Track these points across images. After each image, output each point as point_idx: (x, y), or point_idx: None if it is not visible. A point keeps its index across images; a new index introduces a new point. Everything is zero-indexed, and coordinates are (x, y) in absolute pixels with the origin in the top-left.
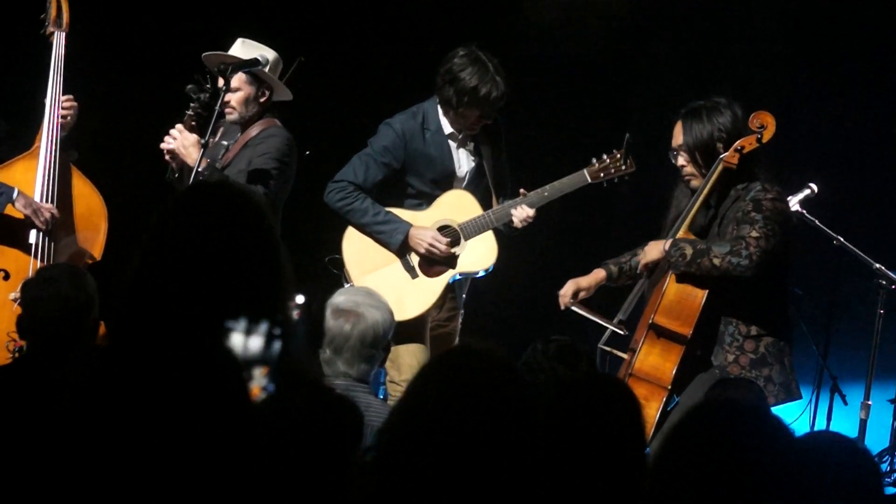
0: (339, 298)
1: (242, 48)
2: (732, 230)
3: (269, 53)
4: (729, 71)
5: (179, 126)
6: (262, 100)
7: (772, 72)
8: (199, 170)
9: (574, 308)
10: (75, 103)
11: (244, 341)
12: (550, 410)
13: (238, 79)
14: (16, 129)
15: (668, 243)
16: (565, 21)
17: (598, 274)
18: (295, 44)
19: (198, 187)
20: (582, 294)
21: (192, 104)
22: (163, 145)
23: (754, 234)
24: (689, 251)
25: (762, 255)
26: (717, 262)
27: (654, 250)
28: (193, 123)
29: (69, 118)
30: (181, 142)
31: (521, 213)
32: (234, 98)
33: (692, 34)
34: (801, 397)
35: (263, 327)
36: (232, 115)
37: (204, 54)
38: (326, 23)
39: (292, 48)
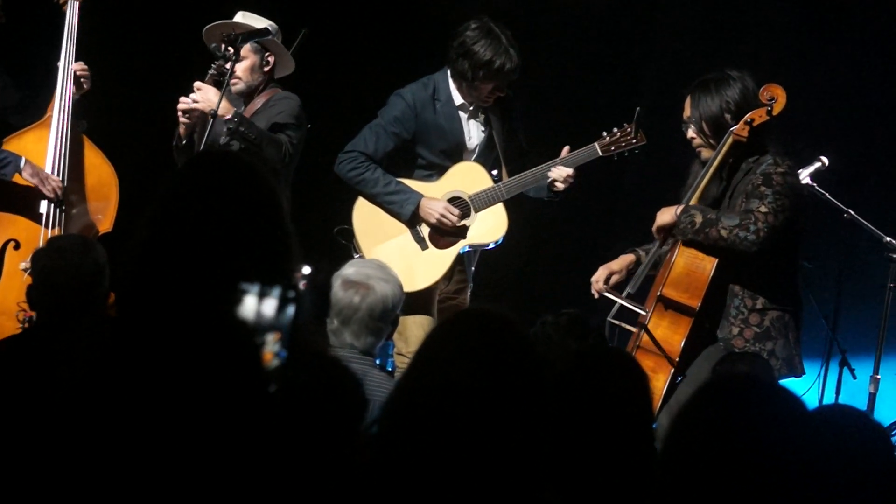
0: (349, 270)
1: (244, 20)
2: (741, 203)
3: (267, 24)
4: (740, 42)
5: (199, 83)
6: (266, 69)
7: (782, 43)
8: (229, 117)
9: (607, 294)
10: (88, 70)
11: (251, 309)
12: (559, 383)
13: (244, 48)
14: (28, 98)
15: (679, 209)
16: None
17: (629, 258)
18: (301, 16)
19: (203, 156)
20: (614, 278)
21: (214, 63)
22: (181, 105)
23: (763, 209)
24: (699, 219)
25: (769, 231)
26: (724, 233)
27: (665, 214)
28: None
29: (83, 84)
30: (204, 95)
31: (561, 172)
32: (239, 67)
33: (703, 5)
34: (803, 373)
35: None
36: (238, 85)
37: (207, 26)
38: None
39: (298, 20)
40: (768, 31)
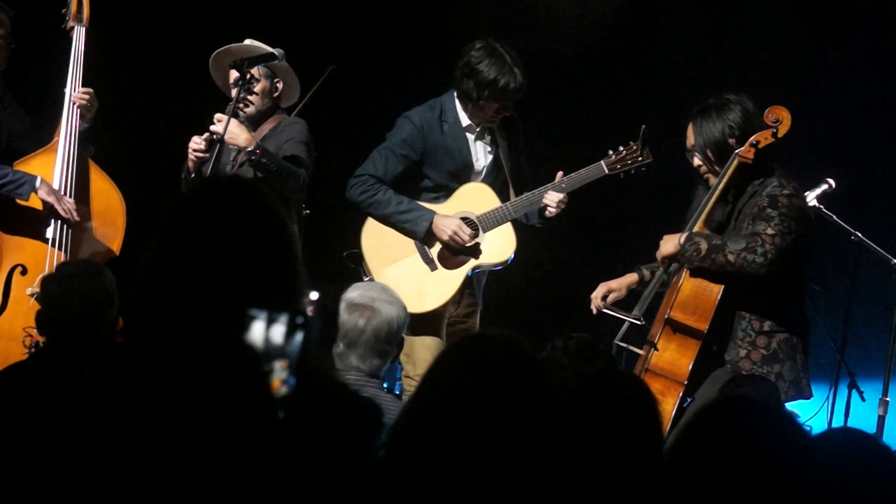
0: (353, 293)
1: (251, 46)
2: (748, 226)
3: (277, 50)
4: (744, 63)
5: (220, 115)
6: (274, 94)
7: (786, 65)
8: (251, 149)
9: (605, 310)
10: (90, 96)
11: (259, 335)
12: (569, 407)
13: (255, 72)
14: (36, 123)
15: (683, 237)
16: (578, 14)
17: (631, 277)
18: (308, 41)
19: (209, 182)
20: (613, 296)
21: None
22: (193, 145)
23: (770, 231)
24: (703, 246)
25: (777, 253)
26: (731, 258)
27: (669, 244)
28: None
29: (89, 110)
30: (228, 126)
31: (553, 197)
32: (247, 93)
33: (708, 26)
34: (811, 396)
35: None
36: (249, 109)
37: (217, 51)
38: (340, 21)
39: (306, 47)
40: (773, 53)
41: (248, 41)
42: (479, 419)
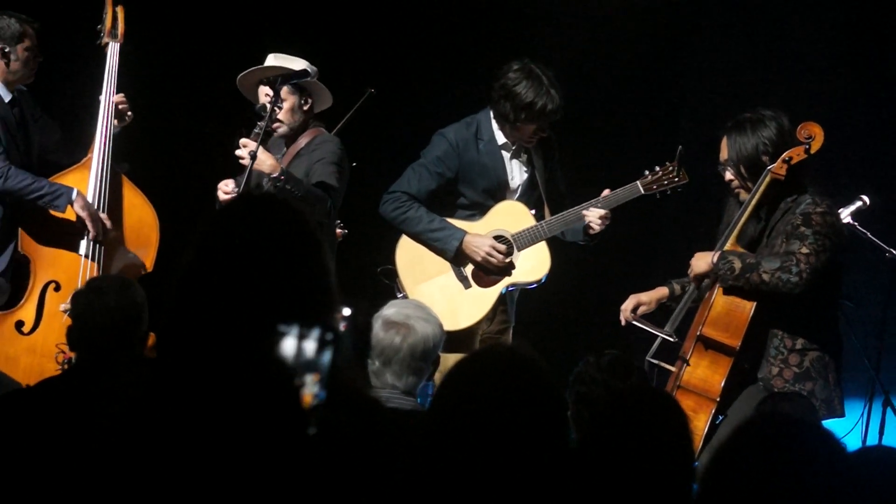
0: (389, 311)
1: (276, 62)
2: (781, 243)
3: (303, 64)
4: (778, 79)
5: (245, 140)
6: (305, 108)
7: (821, 82)
8: (275, 175)
9: (634, 322)
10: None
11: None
12: (601, 422)
13: (283, 90)
14: (68, 136)
15: (716, 255)
16: (613, 34)
17: (661, 291)
18: (343, 59)
19: (243, 199)
20: (642, 309)
21: (259, 122)
22: (223, 187)
23: (804, 250)
24: (737, 265)
25: (812, 273)
26: (766, 277)
27: (701, 262)
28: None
29: (126, 117)
30: (251, 152)
31: (594, 213)
32: (280, 110)
33: (742, 43)
34: (843, 415)
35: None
36: (280, 128)
37: (242, 74)
38: (377, 37)
39: (342, 64)
40: (806, 68)
41: (271, 56)
42: (489, 429)
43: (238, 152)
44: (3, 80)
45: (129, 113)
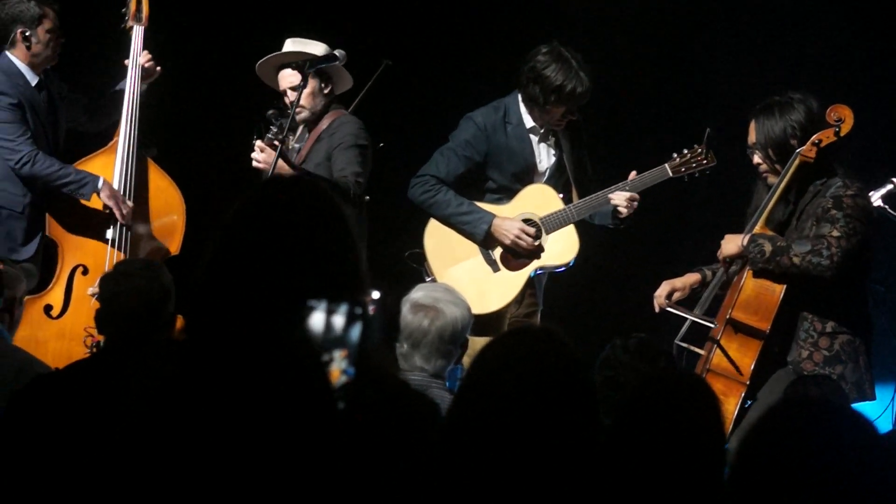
0: (417, 294)
1: (296, 47)
2: (812, 226)
3: (322, 48)
4: (806, 62)
5: (261, 143)
6: (325, 91)
7: (849, 62)
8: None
9: (669, 309)
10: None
11: (320, 330)
12: (630, 406)
13: (288, 77)
14: (93, 102)
15: (746, 238)
16: (641, 14)
17: (693, 276)
18: (373, 42)
19: (272, 182)
20: (677, 295)
21: (272, 127)
22: (255, 164)
23: (835, 233)
24: (768, 248)
25: (842, 256)
26: (796, 260)
27: (731, 245)
28: (276, 142)
29: (155, 71)
30: (266, 157)
31: (621, 196)
32: (295, 98)
33: (769, 26)
34: (874, 398)
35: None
36: (302, 114)
37: (262, 60)
38: (404, 19)
39: (369, 47)
40: (835, 51)
41: (289, 41)
42: (519, 411)
43: (254, 155)
44: (27, 63)
45: (158, 68)
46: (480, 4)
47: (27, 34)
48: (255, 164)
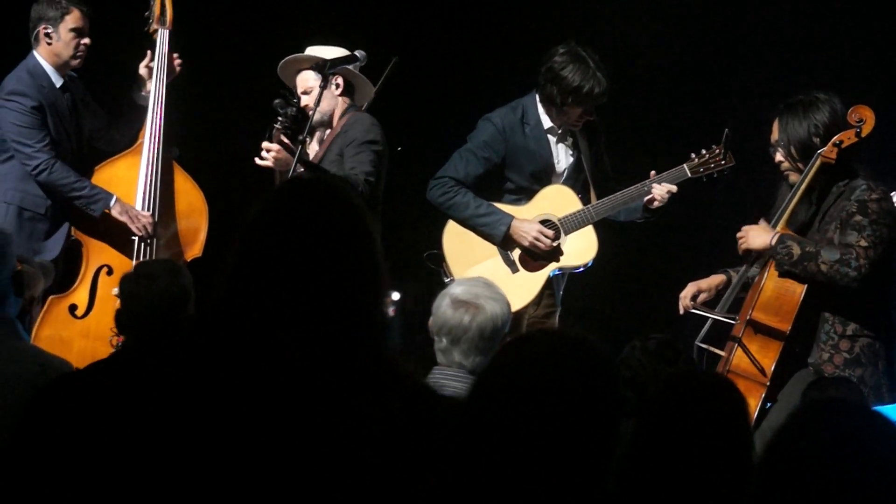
0: (457, 289)
1: (314, 52)
2: (835, 229)
3: (341, 53)
4: (828, 62)
5: (267, 144)
6: (337, 92)
7: (870, 63)
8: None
9: (694, 310)
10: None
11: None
12: (653, 407)
13: (305, 80)
14: (113, 126)
15: (774, 238)
16: (661, 16)
17: (719, 278)
18: (391, 43)
19: (291, 184)
20: (702, 297)
21: (279, 118)
22: (260, 162)
23: (863, 242)
24: (796, 251)
25: (870, 267)
26: (823, 268)
27: (759, 238)
28: (283, 138)
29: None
30: (276, 157)
31: (664, 188)
32: (310, 100)
33: (790, 26)
34: (892, 402)
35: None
36: (315, 117)
37: (282, 63)
38: (422, 21)
39: (388, 47)
40: (856, 50)
41: (309, 49)
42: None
43: (263, 154)
44: (52, 63)
45: (178, 60)
46: (499, 3)
47: (49, 31)
48: (259, 161)
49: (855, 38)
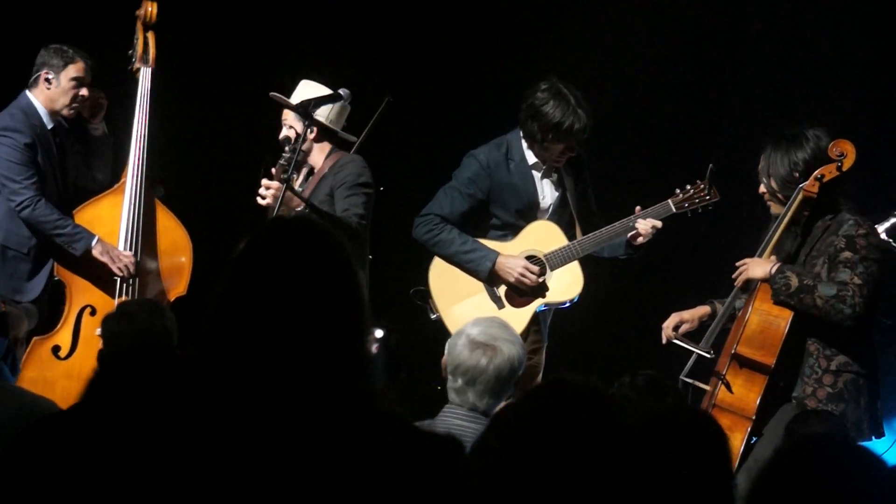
0: (473, 330)
1: (305, 89)
2: (823, 264)
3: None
4: (814, 94)
5: (267, 181)
6: (311, 136)
7: (856, 96)
8: (300, 209)
9: (676, 341)
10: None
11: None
12: (639, 444)
13: (292, 120)
14: (90, 166)
15: (774, 267)
16: (649, 51)
17: (703, 309)
18: (377, 80)
19: (275, 223)
20: (685, 327)
21: (284, 153)
22: (262, 202)
23: (857, 280)
24: (794, 282)
25: (864, 305)
26: (819, 303)
27: (758, 269)
28: (284, 175)
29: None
30: (274, 194)
31: (648, 223)
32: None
33: (778, 61)
34: (871, 438)
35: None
36: (299, 156)
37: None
38: (407, 57)
39: (375, 85)
40: (843, 84)
41: (303, 82)
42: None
43: (260, 192)
44: (46, 107)
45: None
46: (483, 41)
47: (49, 77)
48: (260, 201)
49: (839, 70)
